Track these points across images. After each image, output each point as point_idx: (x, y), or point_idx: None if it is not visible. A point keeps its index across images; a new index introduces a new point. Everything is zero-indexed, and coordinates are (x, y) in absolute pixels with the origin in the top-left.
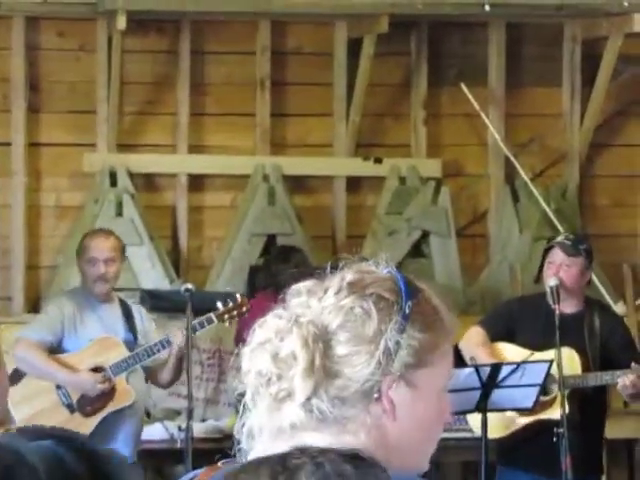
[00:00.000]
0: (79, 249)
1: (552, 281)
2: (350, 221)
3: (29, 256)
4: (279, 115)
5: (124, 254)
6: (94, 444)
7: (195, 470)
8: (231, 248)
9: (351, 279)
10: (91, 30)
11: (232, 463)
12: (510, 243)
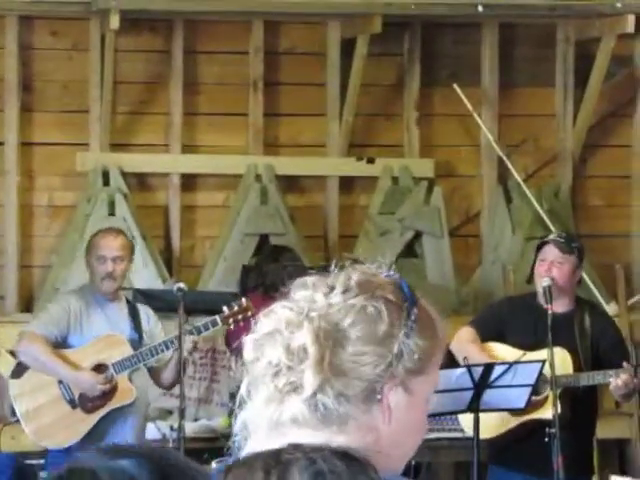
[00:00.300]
0: (88, 246)
1: (545, 281)
2: (343, 221)
3: (22, 255)
4: (272, 115)
5: (133, 253)
6: (183, 463)
7: None
8: (224, 248)
9: (358, 279)
10: (84, 29)
11: (225, 462)
12: (503, 243)
